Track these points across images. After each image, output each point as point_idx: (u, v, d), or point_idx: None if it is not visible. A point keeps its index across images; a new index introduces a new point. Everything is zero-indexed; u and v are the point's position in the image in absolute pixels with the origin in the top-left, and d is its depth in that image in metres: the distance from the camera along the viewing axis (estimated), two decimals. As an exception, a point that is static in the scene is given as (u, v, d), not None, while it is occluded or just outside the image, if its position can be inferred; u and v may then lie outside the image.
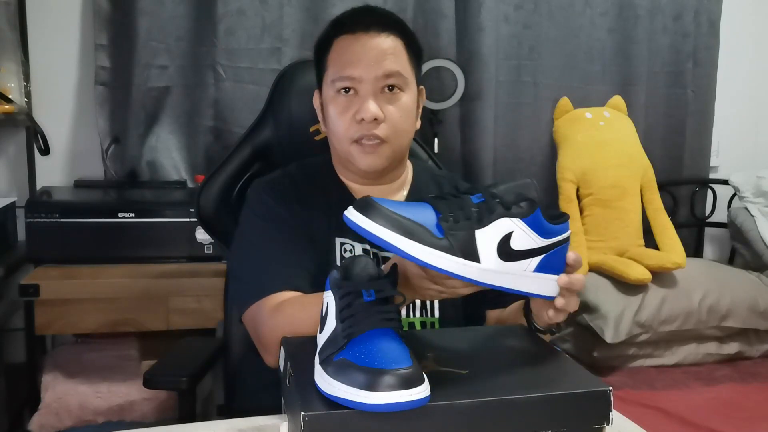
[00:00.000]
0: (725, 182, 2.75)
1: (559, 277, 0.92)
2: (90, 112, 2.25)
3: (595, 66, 2.62)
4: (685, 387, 2.05)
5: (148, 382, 1.36)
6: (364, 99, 1.15)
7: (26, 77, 2.16)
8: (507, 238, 0.86)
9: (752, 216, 2.60)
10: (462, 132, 2.51)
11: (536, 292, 0.92)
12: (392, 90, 1.17)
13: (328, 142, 1.26)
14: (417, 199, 0.89)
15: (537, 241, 0.88)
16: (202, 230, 1.62)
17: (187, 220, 2.02)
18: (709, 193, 2.83)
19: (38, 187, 2.25)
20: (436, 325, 1.21)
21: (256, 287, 1.14)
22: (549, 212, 0.90)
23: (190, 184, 2.29)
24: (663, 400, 1.92)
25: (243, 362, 1.40)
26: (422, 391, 0.74)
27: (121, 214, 2.00)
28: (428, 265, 0.83)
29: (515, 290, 0.89)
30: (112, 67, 2.21)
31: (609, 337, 2.07)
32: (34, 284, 1.88)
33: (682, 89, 2.73)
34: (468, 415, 0.78)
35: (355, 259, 0.86)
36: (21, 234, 2.14)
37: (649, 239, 2.42)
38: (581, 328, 2.20)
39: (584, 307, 2.17)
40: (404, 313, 1.19)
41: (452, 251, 0.83)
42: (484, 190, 0.88)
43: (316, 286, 1.11)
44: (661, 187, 2.53)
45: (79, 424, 1.88)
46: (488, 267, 0.85)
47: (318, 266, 1.16)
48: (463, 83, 2.40)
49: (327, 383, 0.77)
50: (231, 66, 2.28)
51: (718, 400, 1.96)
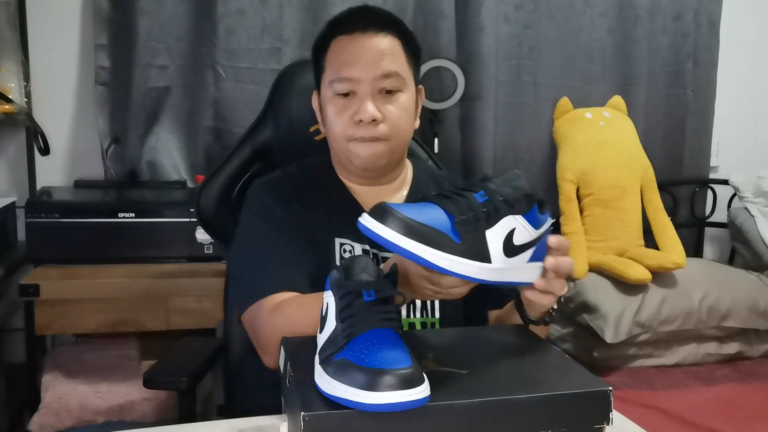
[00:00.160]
0: (725, 182, 2.75)
1: (546, 260, 0.93)
2: (90, 112, 2.25)
3: (595, 66, 2.62)
4: (685, 387, 2.05)
5: (148, 382, 1.36)
6: (363, 100, 1.15)
7: (26, 77, 2.16)
8: (510, 234, 0.86)
9: (752, 216, 2.60)
10: (462, 132, 2.51)
11: (531, 281, 0.93)
12: (390, 92, 1.17)
13: (327, 142, 1.26)
14: (418, 199, 0.88)
15: (532, 233, 0.89)
16: (202, 230, 1.62)
17: (187, 220, 2.02)
18: (709, 193, 2.83)
19: (38, 187, 2.25)
20: (437, 326, 1.21)
21: (255, 287, 1.14)
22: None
23: (190, 184, 2.29)
24: (663, 400, 1.92)
25: (243, 362, 1.40)
26: (422, 391, 0.74)
27: (121, 214, 2.00)
28: (448, 271, 0.82)
29: (514, 282, 0.90)
30: (112, 67, 2.21)
31: (609, 337, 2.07)
32: (34, 284, 1.88)
33: (682, 89, 2.73)
34: (468, 415, 0.78)
35: (355, 259, 0.86)
36: (21, 234, 2.14)
37: (649, 239, 2.42)
38: (581, 328, 2.20)
39: (584, 307, 2.18)
40: (404, 314, 1.19)
41: (469, 255, 0.83)
42: (485, 187, 0.87)
43: (316, 286, 1.11)
44: (661, 187, 2.53)
45: (79, 424, 1.88)
46: (497, 266, 0.85)
47: (317, 266, 1.16)
48: (463, 83, 2.40)
49: (327, 383, 0.77)
50: (231, 66, 2.28)
51: (718, 400, 1.95)
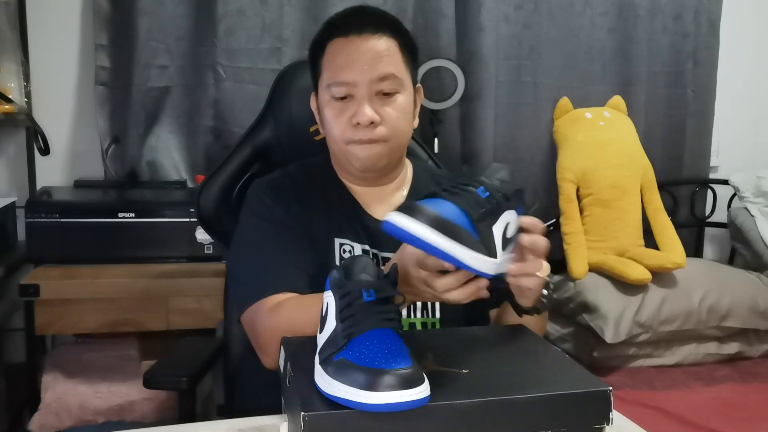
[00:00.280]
0: (725, 182, 2.75)
1: (521, 237, 0.94)
2: (90, 112, 2.25)
3: (595, 66, 2.62)
4: (685, 387, 2.05)
5: (148, 382, 1.36)
6: (360, 103, 1.15)
7: (26, 77, 2.16)
8: (506, 228, 0.89)
9: (752, 216, 2.60)
10: (462, 132, 2.51)
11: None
12: (388, 94, 1.16)
13: (326, 143, 1.26)
14: (426, 195, 0.88)
15: (517, 225, 0.92)
16: (202, 230, 1.62)
17: (187, 220, 2.02)
18: (709, 193, 2.83)
19: (38, 187, 2.25)
20: (437, 326, 1.21)
21: (255, 288, 1.14)
22: None
23: (190, 184, 2.29)
24: (663, 400, 1.92)
25: (243, 362, 1.40)
26: (422, 391, 0.74)
27: (121, 214, 2.00)
28: (472, 269, 0.84)
29: (503, 274, 0.92)
30: (112, 67, 2.21)
31: (609, 337, 2.07)
32: (34, 284, 1.88)
33: (682, 89, 2.72)
34: (468, 415, 0.78)
35: (355, 259, 0.87)
36: (21, 234, 2.14)
37: (649, 239, 2.42)
38: (581, 328, 2.20)
39: (584, 307, 2.18)
40: (405, 314, 1.19)
41: (484, 251, 0.85)
42: (485, 183, 0.89)
43: (315, 286, 1.10)
44: (661, 187, 2.53)
45: (79, 424, 1.88)
46: (499, 260, 0.87)
47: (317, 266, 1.16)
48: (463, 83, 2.40)
49: (327, 383, 0.77)
50: (231, 66, 2.28)
51: (718, 400, 1.95)
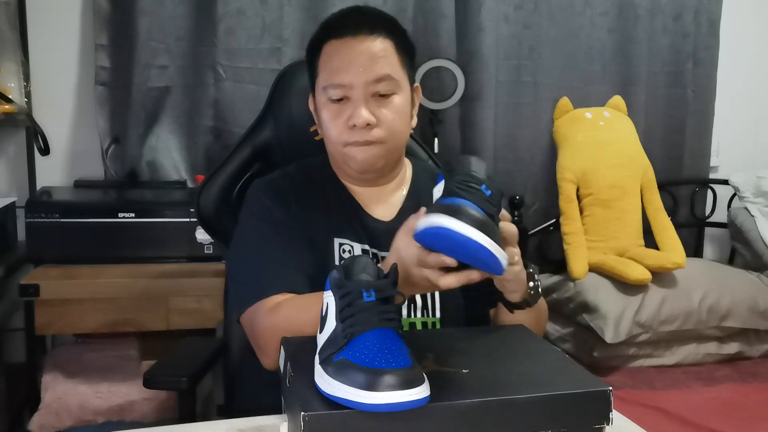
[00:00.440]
0: (725, 182, 2.75)
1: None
2: (90, 112, 2.25)
3: (595, 66, 2.62)
4: (685, 387, 2.05)
5: (148, 382, 1.36)
6: (356, 105, 1.15)
7: (26, 77, 2.16)
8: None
9: (752, 216, 2.60)
10: (462, 132, 2.51)
11: None
12: (384, 95, 1.16)
13: (325, 144, 1.26)
14: (443, 194, 0.91)
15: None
16: (202, 230, 1.62)
17: (187, 220, 2.02)
18: (709, 193, 2.83)
19: (38, 187, 2.25)
20: (437, 325, 1.20)
21: (254, 289, 1.14)
22: None
23: (190, 184, 2.29)
24: (663, 400, 1.92)
25: (243, 362, 1.40)
26: (422, 391, 0.74)
27: (121, 214, 2.00)
28: (502, 269, 0.88)
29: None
30: (112, 67, 2.21)
31: (609, 337, 2.07)
32: (34, 284, 1.88)
33: (682, 89, 2.72)
34: (468, 415, 0.78)
35: (355, 259, 0.87)
36: (21, 234, 2.14)
37: (649, 239, 2.42)
38: (581, 328, 2.20)
39: (584, 307, 2.18)
40: (405, 313, 1.19)
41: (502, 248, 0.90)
42: (486, 181, 0.92)
43: (315, 286, 1.10)
44: (661, 187, 2.53)
45: (79, 424, 1.88)
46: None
47: (317, 267, 1.16)
48: (463, 83, 2.40)
49: (327, 383, 0.77)
50: (231, 66, 2.28)
51: (718, 400, 1.95)
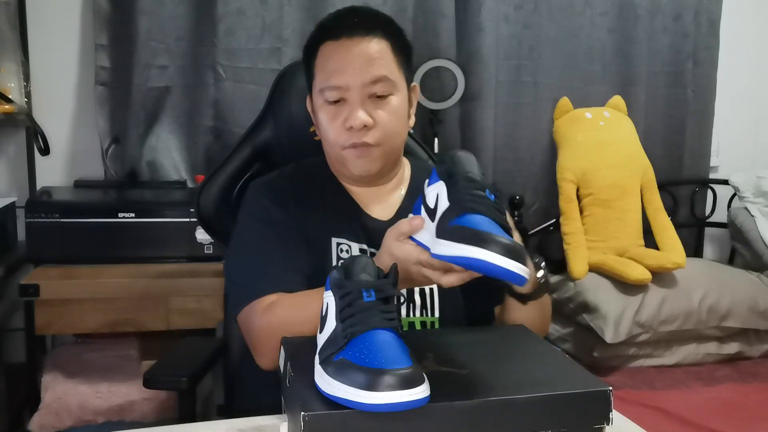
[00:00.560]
0: (725, 182, 2.75)
1: None
2: (90, 112, 2.25)
3: (595, 66, 2.62)
4: (685, 387, 2.05)
5: (148, 382, 1.36)
6: (353, 106, 1.14)
7: (26, 77, 2.16)
8: None
9: (752, 216, 2.60)
10: (462, 132, 2.51)
11: None
12: (381, 96, 1.16)
13: (323, 145, 1.26)
14: (456, 211, 0.89)
15: None
16: (202, 230, 1.62)
17: (187, 220, 2.02)
18: (709, 193, 2.83)
19: (38, 187, 2.25)
20: (436, 325, 1.21)
21: (250, 288, 1.14)
22: None
23: (190, 184, 2.29)
24: (663, 400, 1.92)
25: (243, 362, 1.39)
26: (422, 391, 0.74)
27: (121, 214, 2.00)
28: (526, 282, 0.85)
29: None
30: (112, 67, 2.21)
31: (609, 337, 2.07)
32: (34, 284, 1.88)
33: (682, 89, 2.72)
34: (468, 415, 0.78)
35: (355, 259, 0.87)
36: (21, 234, 2.14)
37: (649, 239, 2.42)
38: (581, 328, 2.20)
39: (584, 307, 2.18)
40: (404, 313, 1.19)
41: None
42: (491, 188, 0.91)
43: (312, 287, 1.10)
44: (661, 187, 2.53)
45: (79, 424, 1.88)
46: None
47: (314, 266, 1.16)
48: (463, 83, 2.40)
49: (327, 383, 0.77)
50: (231, 66, 2.28)
51: (718, 400, 1.95)
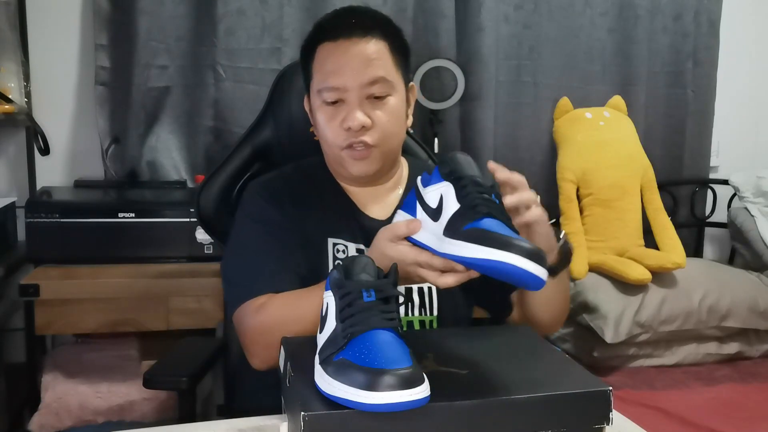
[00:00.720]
0: (725, 182, 2.75)
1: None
2: (90, 112, 2.25)
3: (595, 66, 2.62)
4: (685, 387, 2.05)
5: (148, 382, 1.36)
6: (351, 107, 1.14)
7: (26, 77, 2.16)
8: None
9: (752, 216, 2.60)
10: (462, 132, 2.51)
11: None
12: (379, 97, 1.16)
13: (321, 145, 1.26)
14: (469, 215, 0.88)
15: None
16: (202, 230, 1.62)
17: (187, 220, 2.02)
18: (709, 193, 2.83)
19: (38, 187, 2.25)
20: (435, 323, 1.21)
21: (243, 289, 1.14)
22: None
23: (190, 184, 2.29)
24: (663, 400, 1.92)
25: (243, 362, 1.38)
26: (422, 391, 0.74)
27: (121, 214, 2.00)
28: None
29: None
30: (112, 67, 2.21)
31: (609, 337, 2.07)
32: (34, 284, 1.88)
33: (682, 89, 2.72)
34: (468, 415, 0.78)
35: (355, 259, 0.87)
36: (21, 234, 2.14)
37: (649, 239, 2.42)
38: (581, 328, 2.20)
39: (584, 307, 2.17)
40: (403, 312, 1.19)
41: None
42: (493, 191, 0.91)
43: (307, 287, 1.10)
44: (661, 187, 2.53)
45: (79, 424, 1.88)
46: None
47: (310, 267, 1.16)
48: (463, 83, 2.40)
49: (327, 383, 0.77)
50: (231, 66, 2.28)
51: (718, 400, 1.95)
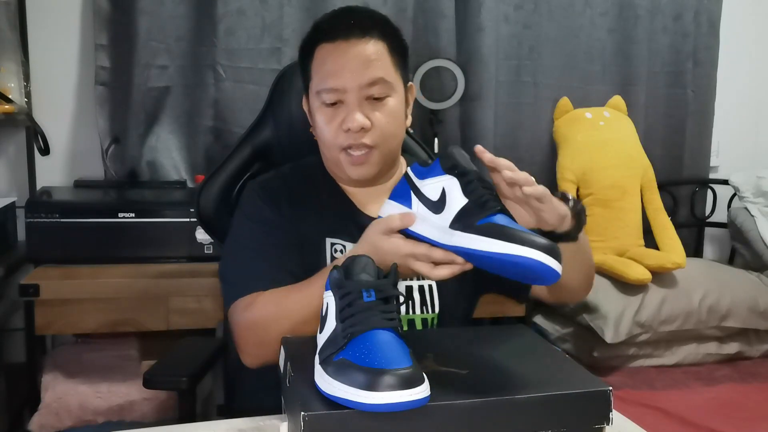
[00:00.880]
0: (725, 182, 2.75)
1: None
2: (90, 112, 2.25)
3: (595, 66, 2.62)
4: (685, 387, 2.05)
5: (148, 382, 1.36)
6: (350, 108, 1.14)
7: (26, 77, 2.16)
8: None
9: (752, 216, 2.60)
10: (462, 132, 2.51)
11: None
12: (378, 98, 1.15)
13: (319, 146, 1.26)
14: (482, 212, 0.90)
15: None
16: (202, 230, 1.62)
17: (187, 220, 2.02)
18: (709, 193, 2.83)
19: (38, 187, 2.25)
20: (436, 321, 1.21)
21: (237, 287, 1.14)
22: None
23: (190, 184, 2.29)
24: (663, 400, 1.92)
25: (243, 362, 1.40)
26: (422, 391, 0.74)
27: (121, 214, 2.00)
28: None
29: None
30: (112, 67, 2.21)
31: (609, 337, 2.07)
32: (34, 284, 1.88)
33: (682, 89, 2.72)
34: (468, 415, 0.78)
35: (355, 259, 0.87)
36: (21, 234, 2.14)
37: (649, 239, 2.42)
38: (581, 328, 2.20)
39: (584, 307, 2.17)
40: (404, 311, 1.19)
41: None
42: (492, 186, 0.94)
43: None
44: (661, 187, 2.53)
45: (79, 424, 1.88)
46: None
47: (307, 267, 1.15)
48: (463, 83, 2.40)
49: (327, 383, 0.77)
50: (231, 66, 2.28)
51: (718, 400, 1.96)
